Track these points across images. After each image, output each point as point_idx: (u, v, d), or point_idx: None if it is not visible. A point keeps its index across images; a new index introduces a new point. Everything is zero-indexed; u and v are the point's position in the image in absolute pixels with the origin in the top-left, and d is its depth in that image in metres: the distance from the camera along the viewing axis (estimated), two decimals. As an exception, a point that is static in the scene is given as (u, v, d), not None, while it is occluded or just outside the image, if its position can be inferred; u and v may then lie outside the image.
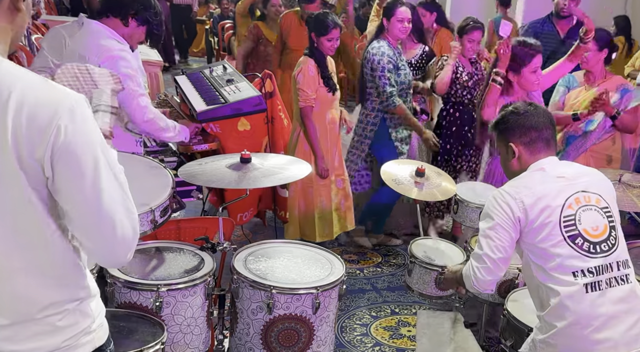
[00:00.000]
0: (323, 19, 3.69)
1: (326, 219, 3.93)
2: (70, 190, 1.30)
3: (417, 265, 2.78)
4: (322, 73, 3.72)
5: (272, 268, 2.50)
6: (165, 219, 2.49)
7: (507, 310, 2.39)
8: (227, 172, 2.56)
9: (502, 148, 2.18)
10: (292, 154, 3.81)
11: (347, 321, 3.56)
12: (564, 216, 1.97)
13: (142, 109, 2.85)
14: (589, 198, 2.01)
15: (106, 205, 1.31)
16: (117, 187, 1.34)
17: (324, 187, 3.87)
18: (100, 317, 1.48)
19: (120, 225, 1.33)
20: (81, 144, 1.27)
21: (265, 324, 2.37)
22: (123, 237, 1.35)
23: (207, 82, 3.93)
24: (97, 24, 2.83)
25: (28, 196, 1.27)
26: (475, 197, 3.13)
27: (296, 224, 3.95)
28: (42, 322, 1.36)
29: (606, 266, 1.94)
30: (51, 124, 1.24)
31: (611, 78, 3.78)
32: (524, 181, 2.06)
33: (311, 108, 3.71)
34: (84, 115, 1.28)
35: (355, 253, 4.38)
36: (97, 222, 1.32)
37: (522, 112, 2.12)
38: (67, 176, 1.28)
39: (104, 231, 1.33)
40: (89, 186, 1.29)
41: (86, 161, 1.28)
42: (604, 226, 1.98)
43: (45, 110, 1.24)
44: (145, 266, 2.45)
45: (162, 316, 2.28)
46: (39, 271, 1.34)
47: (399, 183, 3.04)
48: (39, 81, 1.29)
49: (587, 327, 1.91)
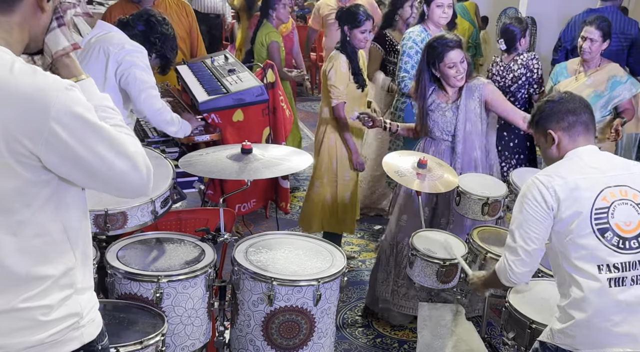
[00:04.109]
0: (355, 10, 3.65)
1: (349, 213, 3.91)
2: (70, 175, 1.34)
3: (419, 258, 2.77)
4: (353, 69, 3.68)
5: (273, 260, 2.49)
6: (165, 209, 2.48)
7: (508, 302, 2.38)
8: (228, 163, 2.55)
9: (541, 138, 2.16)
10: (318, 148, 3.82)
11: (349, 312, 3.56)
12: (596, 208, 1.94)
13: (151, 99, 2.97)
14: (626, 192, 1.97)
15: (106, 171, 1.36)
16: (111, 145, 1.36)
17: (350, 181, 3.85)
18: (92, 312, 1.46)
19: (126, 175, 1.39)
20: (72, 137, 1.29)
21: (266, 316, 2.37)
22: (135, 181, 1.41)
23: (208, 71, 3.90)
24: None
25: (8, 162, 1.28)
26: (478, 188, 3.11)
27: (319, 217, 3.91)
28: (25, 315, 1.34)
29: (634, 263, 1.92)
30: (41, 122, 1.25)
31: (605, 66, 3.74)
32: (559, 169, 2.04)
33: (343, 104, 3.68)
34: (71, 102, 1.28)
35: (358, 245, 4.37)
36: (99, 186, 1.40)
37: (557, 99, 2.12)
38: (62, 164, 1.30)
39: (112, 187, 1.41)
40: (86, 168, 1.33)
41: (79, 149, 1.30)
42: (637, 222, 1.95)
43: (33, 104, 1.24)
44: (146, 257, 2.44)
45: (163, 307, 2.28)
46: (23, 260, 1.33)
47: (401, 175, 3.02)
48: (27, 71, 1.28)
49: (606, 322, 1.89)
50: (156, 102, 3.00)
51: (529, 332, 2.22)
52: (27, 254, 1.33)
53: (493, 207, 3.03)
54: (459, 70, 3.21)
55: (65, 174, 1.33)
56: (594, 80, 3.80)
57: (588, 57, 3.72)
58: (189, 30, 4.29)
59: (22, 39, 1.37)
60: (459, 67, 3.21)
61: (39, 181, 1.31)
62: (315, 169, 3.86)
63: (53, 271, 1.37)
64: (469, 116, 3.25)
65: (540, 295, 2.41)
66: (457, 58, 3.20)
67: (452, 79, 3.22)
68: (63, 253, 1.39)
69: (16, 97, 1.25)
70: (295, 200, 5.12)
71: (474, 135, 3.27)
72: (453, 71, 3.21)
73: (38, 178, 1.30)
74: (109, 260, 2.35)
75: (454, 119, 3.26)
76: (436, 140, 3.34)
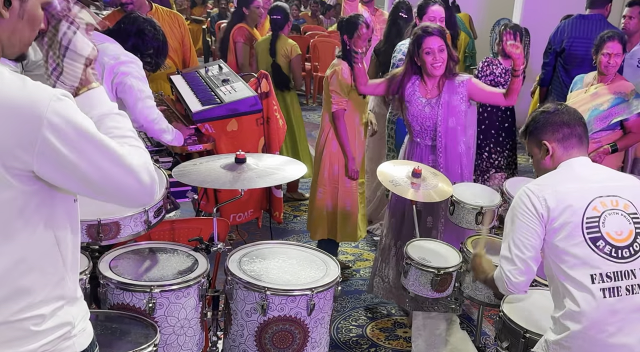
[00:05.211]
0: (355, 20, 3.69)
1: (350, 220, 3.91)
2: (66, 185, 1.33)
3: (413, 267, 2.76)
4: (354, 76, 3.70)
5: (267, 269, 2.48)
6: (159, 219, 2.48)
7: (502, 312, 2.37)
8: (222, 173, 2.54)
9: (534, 149, 2.16)
10: (320, 155, 3.83)
11: (343, 322, 3.55)
12: (587, 217, 1.95)
13: (147, 109, 2.99)
14: (617, 202, 1.98)
15: (106, 181, 1.34)
16: (109, 157, 1.33)
17: (350, 189, 3.86)
18: (83, 322, 1.45)
19: (128, 185, 1.36)
20: (66, 147, 1.27)
21: (259, 326, 2.36)
22: (136, 191, 1.38)
23: (202, 81, 3.90)
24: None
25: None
26: (472, 198, 3.11)
27: (324, 224, 3.92)
28: (17, 326, 1.33)
29: (627, 272, 1.91)
30: (34, 132, 1.23)
31: (617, 83, 3.71)
32: (550, 179, 2.05)
33: (343, 111, 3.70)
34: (64, 111, 1.27)
35: (352, 254, 4.36)
36: (99, 195, 1.38)
37: (552, 111, 2.13)
38: (57, 175, 1.29)
39: (113, 197, 1.39)
40: (84, 179, 1.32)
41: (73, 158, 1.28)
42: (629, 232, 1.95)
43: (24, 114, 1.23)
44: (139, 266, 2.43)
45: (155, 317, 2.26)
46: (14, 271, 1.32)
47: (395, 184, 3.02)
48: (16, 81, 1.27)
49: (602, 332, 1.89)
50: (152, 111, 3.02)
51: (522, 341, 2.22)
52: (19, 264, 1.32)
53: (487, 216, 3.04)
54: (435, 58, 3.23)
55: (61, 183, 1.32)
56: (600, 93, 3.73)
57: (613, 71, 3.71)
58: (181, 41, 4.31)
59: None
60: (436, 55, 3.23)
61: (30, 191, 1.29)
62: (317, 176, 3.87)
63: (45, 281, 1.36)
64: (452, 112, 3.29)
65: (534, 305, 2.41)
66: (434, 45, 3.22)
67: (429, 66, 3.25)
68: (55, 263, 1.38)
69: (7, 109, 1.23)
70: (289, 209, 5.12)
71: (457, 131, 3.31)
72: (430, 58, 3.24)
73: (30, 188, 1.29)
74: (101, 270, 2.34)
75: (434, 115, 3.29)
76: (418, 139, 3.39)
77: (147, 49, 3.07)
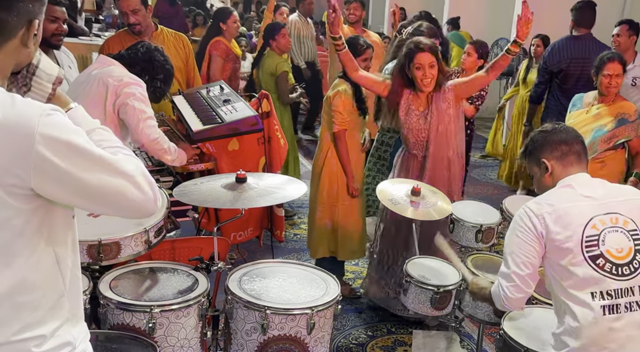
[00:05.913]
0: (356, 41, 3.75)
1: (352, 238, 3.92)
2: (65, 199, 1.34)
3: (413, 284, 2.77)
4: (356, 96, 3.73)
5: (267, 288, 2.49)
6: (159, 239, 2.49)
7: (503, 330, 2.37)
8: (223, 192, 2.56)
9: (534, 168, 2.20)
10: (318, 173, 3.85)
11: (343, 340, 3.53)
12: (587, 236, 1.96)
13: (149, 129, 3.00)
14: (616, 219, 2.00)
15: (105, 189, 1.34)
16: (104, 165, 1.33)
17: (350, 206, 3.87)
18: (83, 343, 1.46)
19: (126, 191, 1.36)
20: (60, 161, 1.28)
21: (259, 345, 2.36)
22: (137, 199, 1.37)
23: (203, 101, 3.94)
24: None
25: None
26: (471, 216, 3.13)
27: (325, 243, 3.93)
28: (19, 347, 1.34)
29: (627, 290, 1.93)
30: (27, 148, 1.24)
31: (618, 103, 3.71)
32: (550, 197, 2.08)
33: (345, 131, 3.73)
34: (55, 125, 1.28)
35: (352, 272, 4.36)
36: (101, 207, 1.39)
37: (550, 130, 2.17)
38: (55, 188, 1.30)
39: (115, 207, 1.39)
40: (78, 191, 1.32)
41: (69, 170, 1.29)
42: (628, 249, 1.96)
43: (16, 132, 1.24)
44: (139, 286, 2.44)
45: (155, 337, 2.26)
46: (15, 290, 1.32)
47: (395, 203, 3.04)
48: (6, 99, 1.28)
49: (602, 350, 1.89)
50: (154, 131, 3.04)
51: (523, 359, 2.22)
52: (20, 283, 1.33)
53: (487, 235, 3.05)
54: (425, 74, 3.27)
55: (60, 197, 1.32)
56: (602, 114, 3.74)
57: (614, 92, 3.72)
58: (185, 61, 4.35)
59: (5, 75, 1.37)
60: (426, 71, 3.27)
61: (30, 209, 1.30)
62: (316, 195, 3.89)
63: (45, 300, 1.36)
64: (442, 119, 3.34)
65: (534, 322, 2.41)
66: (425, 61, 3.26)
67: (419, 82, 3.29)
68: (55, 282, 1.38)
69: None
70: (289, 227, 5.12)
71: (445, 136, 3.36)
72: (420, 73, 3.28)
73: (29, 206, 1.30)
74: (101, 290, 2.34)
75: (426, 126, 3.35)
76: (414, 151, 3.44)
77: (157, 74, 3.11)
